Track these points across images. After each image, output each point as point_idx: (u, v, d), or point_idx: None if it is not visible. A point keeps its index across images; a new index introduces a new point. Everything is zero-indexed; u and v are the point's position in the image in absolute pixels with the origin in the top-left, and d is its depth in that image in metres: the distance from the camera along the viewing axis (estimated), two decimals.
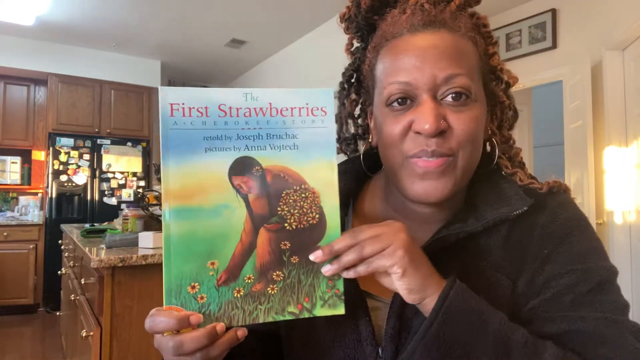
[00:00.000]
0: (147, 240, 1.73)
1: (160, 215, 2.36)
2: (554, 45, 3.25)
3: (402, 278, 0.46)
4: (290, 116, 0.47)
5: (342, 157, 0.70)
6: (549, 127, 4.98)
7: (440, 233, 0.54)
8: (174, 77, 6.01)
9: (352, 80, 0.67)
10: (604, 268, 0.52)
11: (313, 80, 4.37)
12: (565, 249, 0.53)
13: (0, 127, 4.78)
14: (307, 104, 0.47)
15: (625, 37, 2.69)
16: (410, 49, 0.53)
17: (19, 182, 4.98)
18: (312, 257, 0.47)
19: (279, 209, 0.46)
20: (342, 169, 0.66)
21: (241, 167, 0.46)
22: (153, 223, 2.17)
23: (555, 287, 0.51)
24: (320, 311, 0.47)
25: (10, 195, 4.98)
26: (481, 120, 0.54)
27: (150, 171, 5.07)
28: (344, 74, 0.67)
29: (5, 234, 4.44)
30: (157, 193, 2.42)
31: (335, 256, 0.47)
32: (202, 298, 0.46)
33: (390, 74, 0.54)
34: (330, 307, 0.47)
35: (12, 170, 4.94)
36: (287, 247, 0.47)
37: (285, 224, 0.47)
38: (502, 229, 0.55)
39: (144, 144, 5.14)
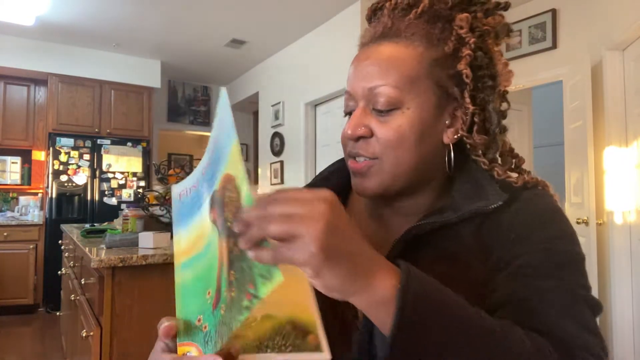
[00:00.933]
0: (147, 240, 1.73)
1: (160, 215, 2.37)
2: (554, 45, 3.25)
3: (316, 278, 0.40)
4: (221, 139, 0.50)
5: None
6: (549, 127, 4.98)
7: (417, 223, 0.58)
8: (174, 77, 6.01)
9: None
10: (571, 251, 0.54)
11: (313, 80, 4.37)
12: (535, 233, 0.54)
13: (0, 127, 4.78)
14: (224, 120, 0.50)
15: (625, 37, 2.69)
16: (356, 62, 0.60)
17: (19, 182, 4.98)
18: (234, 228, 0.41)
19: (224, 214, 0.45)
20: (336, 166, 0.71)
21: (211, 203, 0.49)
22: (153, 223, 2.17)
23: (522, 262, 0.53)
24: (263, 290, 0.39)
25: (10, 195, 4.98)
26: (410, 127, 0.56)
27: (150, 171, 5.07)
28: None
29: (5, 234, 4.44)
30: (157, 193, 2.42)
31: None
32: (205, 327, 0.47)
33: (347, 84, 0.62)
34: (267, 279, 0.39)
35: (12, 170, 4.95)
36: (233, 243, 0.44)
37: (228, 223, 0.44)
38: (476, 219, 0.57)
39: (144, 144, 5.14)
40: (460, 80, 0.58)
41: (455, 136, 0.59)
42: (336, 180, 0.68)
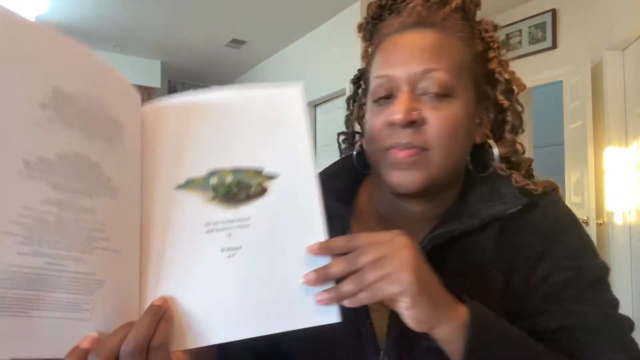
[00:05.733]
0: None
1: None
2: (554, 45, 3.25)
3: (411, 309, 0.41)
4: None
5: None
6: (549, 127, 4.97)
7: (436, 231, 0.54)
8: (174, 77, 6.01)
9: (360, 83, 0.68)
10: (598, 266, 0.54)
11: (313, 80, 4.37)
12: (559, 246, 0.54)
13: None
14: None
15: (625, 37, 2.69)
16: (395, 46, 0.56)
17: None
18: (304, 280, 0.43)
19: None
20: (337, 167, 0.66)
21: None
22: None
23: (553, 284, 0.52)
24: None
25: None
26: (461, 118, 0.53)
27: None
28: (352, 77, 0.69)
29: None
30: None
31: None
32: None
33: (377, 70, 0.57)
34: None
35: None
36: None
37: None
38: (495, 226, 0.55)
39: None
40: (490, 80, 0.58)
41: (485, 135, 0.59)
42: (345, 179, 0.65)
